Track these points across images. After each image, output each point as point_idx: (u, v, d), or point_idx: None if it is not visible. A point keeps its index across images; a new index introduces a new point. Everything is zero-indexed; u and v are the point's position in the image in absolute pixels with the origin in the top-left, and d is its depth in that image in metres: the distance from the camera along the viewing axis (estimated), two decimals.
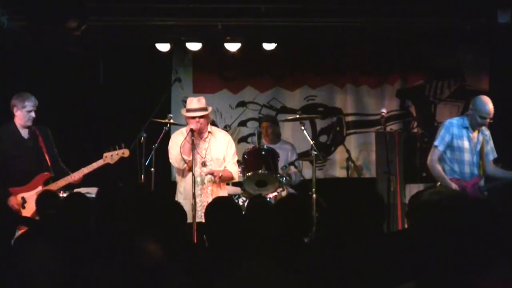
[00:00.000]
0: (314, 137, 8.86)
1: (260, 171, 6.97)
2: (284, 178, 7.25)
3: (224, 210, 3.99)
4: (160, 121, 7.05)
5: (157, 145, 6.77)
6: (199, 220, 6.05)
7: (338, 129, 9.09)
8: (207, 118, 6.41)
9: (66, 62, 8.38)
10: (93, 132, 8.60)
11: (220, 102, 8.91)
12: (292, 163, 7.89)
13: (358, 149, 9.05)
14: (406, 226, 6.67)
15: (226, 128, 8.61)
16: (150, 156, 6.81)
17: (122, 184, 5.06)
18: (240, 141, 8.91)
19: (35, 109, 6.38)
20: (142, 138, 6.90)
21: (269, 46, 8.10)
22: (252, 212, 4.68)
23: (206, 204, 5.03)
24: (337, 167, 9.06)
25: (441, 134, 6.32)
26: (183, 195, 6.33)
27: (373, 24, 7.26)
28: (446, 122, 6.42)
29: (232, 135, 7.55)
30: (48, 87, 8.17)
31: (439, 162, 6.31)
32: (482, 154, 6.30)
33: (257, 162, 7.03)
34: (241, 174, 7.04)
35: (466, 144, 6.28)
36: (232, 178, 6.54)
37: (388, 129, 8.03)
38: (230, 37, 7.82)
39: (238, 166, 6.76)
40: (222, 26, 7.17)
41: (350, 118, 9.09)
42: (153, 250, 2.69)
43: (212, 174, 6.26)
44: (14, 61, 8.00)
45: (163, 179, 7.77)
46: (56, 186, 6.29)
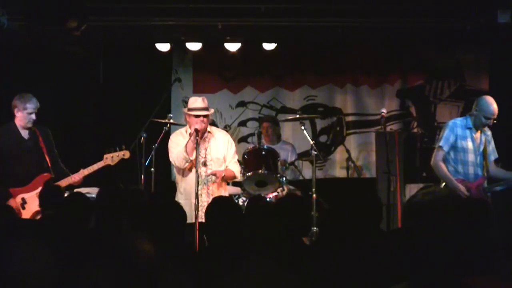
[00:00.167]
0: (314, 137, 8.85)
1: (260, 171, 6.97)
2: (284, 178, 7.25)
3: (224, 210, 4.00)
4: (160, 121, 7.06)
5: (157, 145, 6.77)
6: (200, 220, 6.04)
7: (338, 129, 9.08)
8: (209, 118, 6.44)
9: (66, 62, 8.37)
10: (92, 132, 8.60)
11: (220, 102, 8.90)
12: (292, 163, 7.90)
13: (358, 149, 9.05)
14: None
15: (226, 128, 8.61)
16: (150, 156, 6.81)
17: (123, 185, 5.05)
18: (240, 141, 8.90)
19: (36, 111, 6.35)
20: (142, 138, 6.90)
21: (269, 46, 8.10)
22: (252, 212, 4.68)
23: (207, 204, 5.03)
24: (337, 167, 9.06)
25: (445, 134, 6.28)
26: (184, 195, 6.33)
27: (373, 24, 7.25)
28: (449, 123, 6.38)
29: (232, 135, 7.56)
30: (48, 87, 8.16)
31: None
32: (486, 155, 6.29)
33: (257, 162, 7.03)
34: (241, 174, 7.04)
35: (470, 145, 6.26)
36: (234, 177, 6.56)
37: (388, 129, 8.01)
38: (230, 37, 7.82)
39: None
40: (222, 26, 7.16)
41: (350, 118, 9.08)
42: (147, 250, 2.68)
43: (214, 175, 6.27)
44: (14, 61, 7.99)
45: (163, 179, 7.76)
46: None
